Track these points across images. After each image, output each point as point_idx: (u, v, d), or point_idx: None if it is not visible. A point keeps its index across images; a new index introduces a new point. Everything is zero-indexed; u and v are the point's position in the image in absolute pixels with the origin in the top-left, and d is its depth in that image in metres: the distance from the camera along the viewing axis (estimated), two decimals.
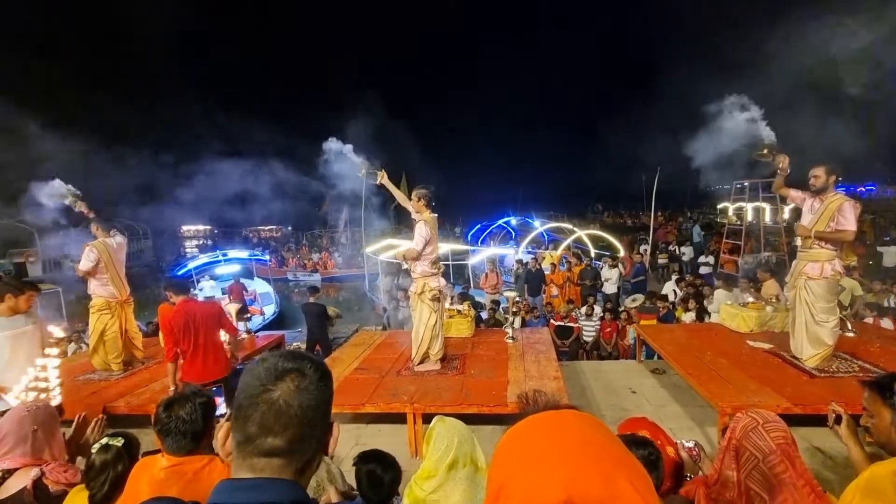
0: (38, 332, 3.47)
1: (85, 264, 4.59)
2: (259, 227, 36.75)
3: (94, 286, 4.71)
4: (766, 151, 3.99)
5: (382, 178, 4.69)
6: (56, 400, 2.92)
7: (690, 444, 2.02)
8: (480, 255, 13.61)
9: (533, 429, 0.58)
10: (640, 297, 8.23)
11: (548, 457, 0.52)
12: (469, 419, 3.75)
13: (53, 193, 4.89)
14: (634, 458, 0.55)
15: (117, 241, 4.86)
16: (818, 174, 3.76)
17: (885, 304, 6.09)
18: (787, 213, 13.04)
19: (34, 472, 1.81)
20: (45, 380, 3.02)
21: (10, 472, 1.80)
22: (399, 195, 4.65)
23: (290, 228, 34.33)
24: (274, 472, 0.75)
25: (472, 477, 1.53)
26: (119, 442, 1.70)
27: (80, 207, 4.94)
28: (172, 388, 3.67)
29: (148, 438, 2.76)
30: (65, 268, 20.59)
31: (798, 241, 4.04)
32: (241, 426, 0.77)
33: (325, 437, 0.85)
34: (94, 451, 1.70)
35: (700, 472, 1.89)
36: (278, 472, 0.75)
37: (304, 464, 0.79)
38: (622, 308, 7.92)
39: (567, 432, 0.56)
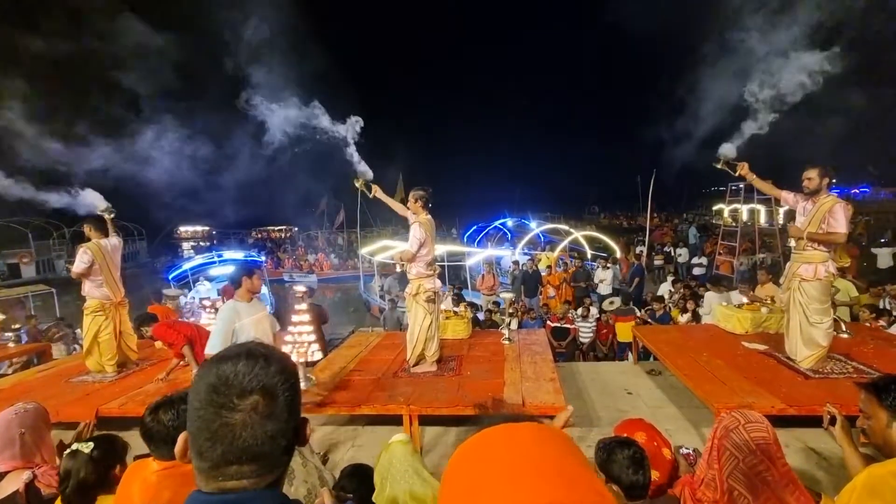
0: (267, 315, 3.56)
1: (79, 266, 4.55)
2: (268, 228, 36.53)
3: (88, 287, 4.67)
4: (721, 165, 4.16)
5: (376, 192, 4.71)
6: (317, 355, 3.02)
7: (688, 451, 2.02)
8: (478, 257, 13.62)
9: (484, 446, 0.55)
10: (616, 301, 8.30)
11: (497, 481, 0.50)
12: (465, 421, 3.75)
13: (89, 204, 4.95)
14: (592, 477, 0.53)
15: (112, 242, 4.83)
16: (812, 176, 3.78)
17: (881, 307, 6.13)
18: (781, 214, 13.14)
19: (26, 475, 1.79)
20: (301, 333, 3.17)
21: (1, 476, 1.79)
22: (395, 205, 4.66)
23: (296, 229, 33.99)
24: (246, 489, 0.68)
25: None
26: (87, 448, 1.66)
27: (110, 224, 4.98)
28: (195, 368, 4.10)
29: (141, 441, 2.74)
30: (58, 269, 20.49)
31: (791, 243, 4.06)
32: (199, 456, 0.67)
33: (300, 438, 0.77)
34: (64, 455, 1.68)
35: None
36: (251, 488, 0.68)
37: (280, 475, 0.73)
38: (605, 311, 7.97)
39: (519, 452, 0.53)
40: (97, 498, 1.62)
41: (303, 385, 3.26)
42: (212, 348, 3.14)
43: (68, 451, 1.68)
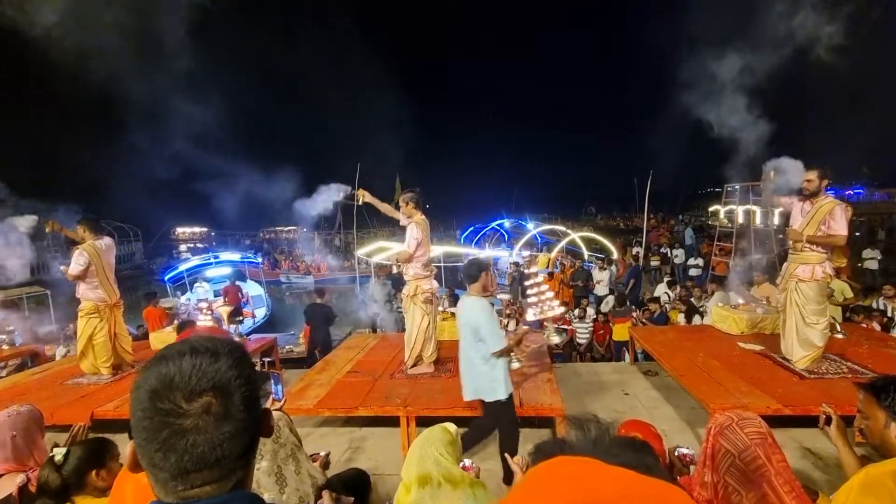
0: None
1: (75, 268, 4.52)
2: (276, 228, 36.32)
3: (83, 289, 4.65)
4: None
5: (364, 197, 4.58)
6: (558, 309, 3.67)
7: (685, 451, 2.01)
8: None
9: (571, 478, 0.48)
10: (612, 300, 8.30)
11: None
12: (463, 422, 3.75)
13: (13, 228, 4.74)
14: None
15: (106, 242, 4.78)
16: (811, 178, 3.79)
17: (874, 306, 6.16)
18: (777, 216, 13.17)
19: (20, 478, 1.79)
20: (542, 293, 3.70)
21: None
22: (385, 208, 4.59)
23: (304, 230, 33.69)
24: (210, 495, 0.62)
25: (450, 495, 1.52)
26: (60, 454, 1.68)
27: (52, 228, 4.76)
28: None
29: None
30: (53, 270, 20.38)
31: (789, 244, 4.07)
32: (153, 467, 0.61)
33: (263, 430, 0.70)
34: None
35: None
36: (216, 492, 0.63)
37: (243, 474, 0.67)
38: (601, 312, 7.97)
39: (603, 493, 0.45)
40: (72, 499, 1.64)
41: (556, 339, 3.84)
42: (503, 340, 3.04)
43: (48, 457, 1.70)
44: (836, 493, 1.38)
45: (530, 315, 3.75)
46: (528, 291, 3.76)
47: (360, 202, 4.61)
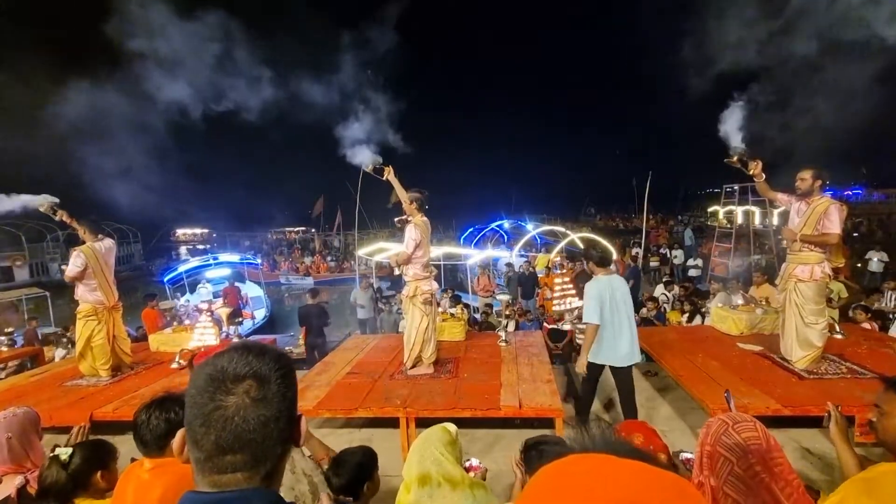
0: None
1: (72, 270, 4.51)
2: (285, 229, 36.47)
3: (81, 291, 4.63)
4: (735, 159, 4.04)
5: (389, 174, 4.55)
6: None
7: (689, 456, 2.00)
8: (477, 258, 13.63)
9: (590, 474, 0.48)
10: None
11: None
12: (462, 423, 3.75)
13: (28, 204, 4.66)
14: None
15: (105, 244, 4.77)
16: (805, 177, 3.81)
17: (883, 305, 6.17)
18: (776, 216, 13.22)
19: (18, 479, 1.79)
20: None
21: None
22: (402, 193, 4.54)
23: (313, 230, 33.75)
24: (240, 485, 0.71)
25: (448, 495, 1.52)
26: (65, 454, 1.68)
27: (62, 216, 4.72)
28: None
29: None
30: (52, 272, 20.36)
31: (786, 244, 4.09)
32: (194, 445, 0.71)
33: (294, 434, 0.79)
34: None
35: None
36: (245, 484, 0.71)
37: (271, 468, 0.75)
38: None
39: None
40: (74, 500, 1.64)
41: None
42: None
43: (50, 456, 1.70)
44: (837, 489, 1.37)
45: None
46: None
47: (385, 178, 4.56)
